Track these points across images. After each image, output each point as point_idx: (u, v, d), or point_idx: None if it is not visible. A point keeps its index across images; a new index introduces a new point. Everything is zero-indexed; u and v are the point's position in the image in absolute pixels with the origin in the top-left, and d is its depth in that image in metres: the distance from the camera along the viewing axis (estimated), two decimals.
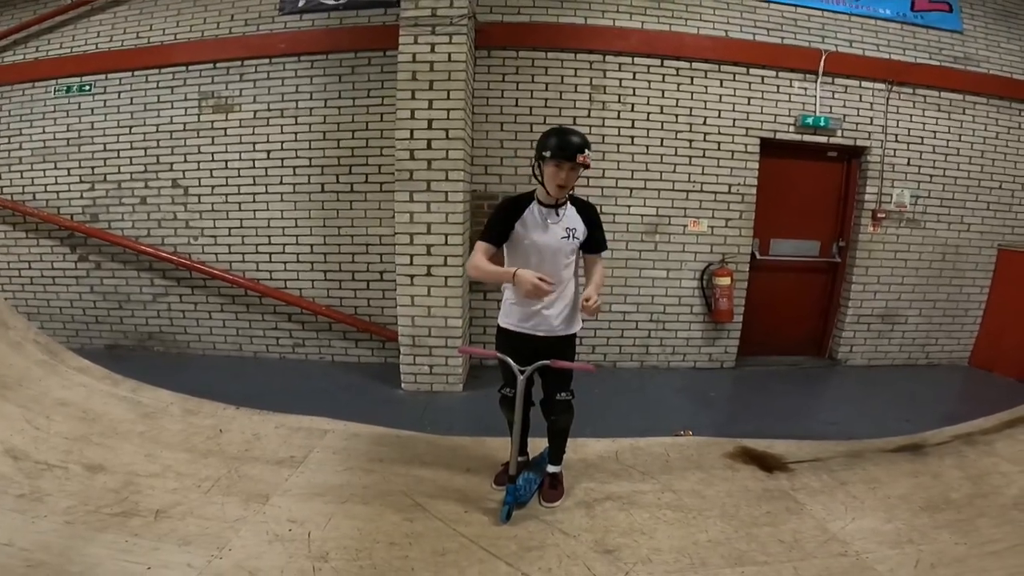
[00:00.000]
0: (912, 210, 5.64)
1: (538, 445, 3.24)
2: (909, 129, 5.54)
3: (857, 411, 4.59)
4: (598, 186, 5.17)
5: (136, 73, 5.45)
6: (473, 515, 2.85)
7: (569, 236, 2.75)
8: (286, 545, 2.55)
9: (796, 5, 5.35)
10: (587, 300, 2.53)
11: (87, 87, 5.51)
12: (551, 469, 3.08)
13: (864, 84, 5.44)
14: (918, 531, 2.76)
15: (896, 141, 5.53)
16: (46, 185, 5.64)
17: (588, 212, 2.84)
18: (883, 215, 5.57)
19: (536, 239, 2.74)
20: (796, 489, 3.18)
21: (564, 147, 2.56)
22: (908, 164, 5.58)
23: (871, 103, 5.47)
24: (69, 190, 5.62)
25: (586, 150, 2.59)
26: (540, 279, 2.50)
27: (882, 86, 5.44)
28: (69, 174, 5.60)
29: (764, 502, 3.05)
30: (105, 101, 5.50)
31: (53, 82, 5.56)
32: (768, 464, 3.47)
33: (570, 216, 2.78)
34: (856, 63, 5.39)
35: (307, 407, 4.11)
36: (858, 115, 5.47)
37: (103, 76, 5.49)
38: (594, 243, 2.84)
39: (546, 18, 5.12)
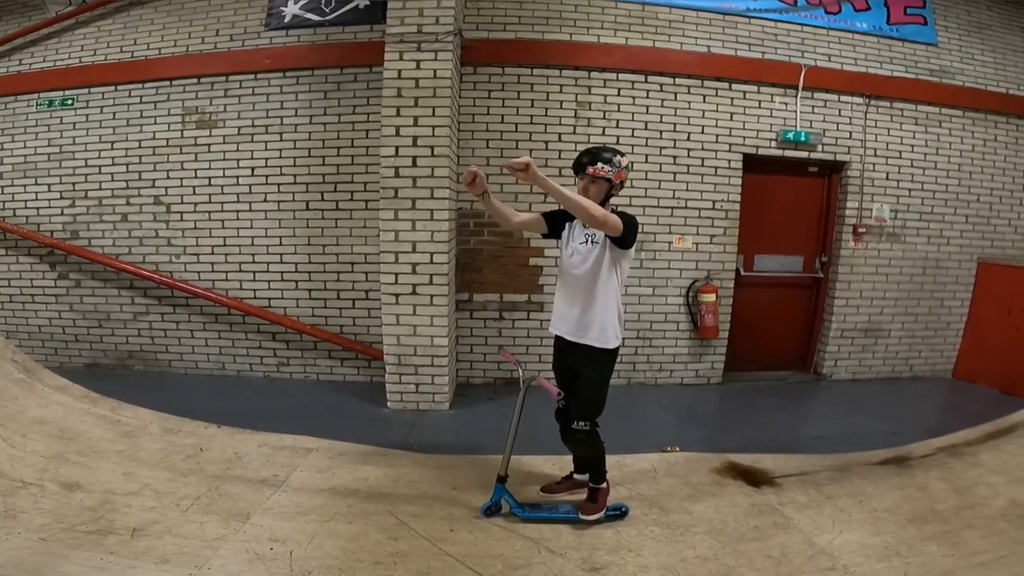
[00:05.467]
0: (892, 225, 5.72)
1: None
2: (887, 143, 5.62)
3: (843, 425, 4.60)
4: None
5: (119, 87, 5.41)
6: (459, 534, 2.81)
7: (587, 240, 2.86)
8: (267, 564, 2.50)
9: (776, 20, 5.44)
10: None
11: (69, 101, 5.46)
12: (590, 484, 3.01)
13: (843, 98, 5.52)
14: (905, 544, 2.76)
15: (875, 155, 5.61)
16: (26, 201, 5.57)
17: None
18: (864, 230, 5.64)
19: (570, 243, 2.95)
20: (783, 504, 3.17)
21: (575, 163, 2.84)
22: (887, 178, 5.66)
23: (850, 117, 5.56)
24: (49, 206, 5.54)
25: (598, 163, 2.76)
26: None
27: (860, 100, 5.53)
28: (50, 190, 5.53)
29: (752, 517, 3.03)
30: (87, 116, 5.45)
31: (35, 96, 5.51)
32: (755, 479, 3.46)
33: None
34: (835, 77, 5.48)
35: (291, 426, 4.06)
36: (837, 130, 5.55)
37: (86, 90, 5.44)
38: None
39: (532, 35, 5.17)
